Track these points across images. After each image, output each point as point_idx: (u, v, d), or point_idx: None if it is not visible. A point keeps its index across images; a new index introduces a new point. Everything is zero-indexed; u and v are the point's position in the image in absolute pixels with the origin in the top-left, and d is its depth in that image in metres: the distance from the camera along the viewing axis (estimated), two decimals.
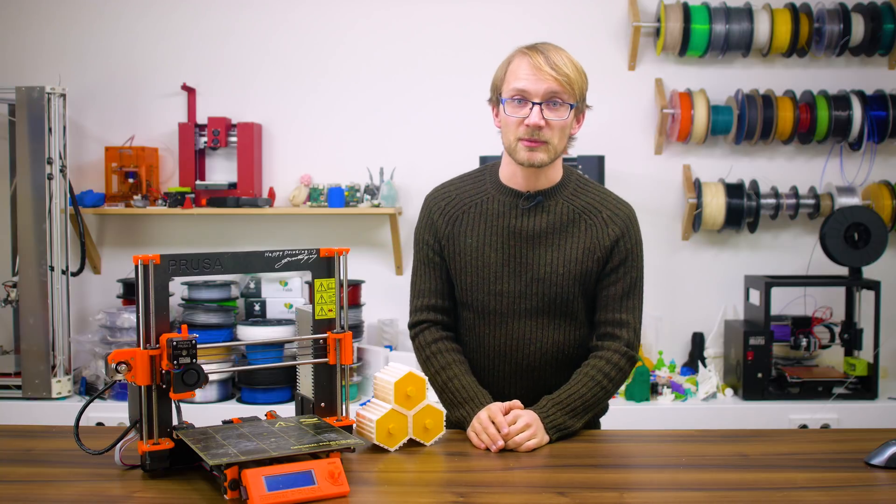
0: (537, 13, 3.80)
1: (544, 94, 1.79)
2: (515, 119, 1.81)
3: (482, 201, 1.93)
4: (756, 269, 3.80)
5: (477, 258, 1.90)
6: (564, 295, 1.88)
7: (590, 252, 1.88)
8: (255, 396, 3.39)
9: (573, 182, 1.94)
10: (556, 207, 1.89)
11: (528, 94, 1.79)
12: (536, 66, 1.79)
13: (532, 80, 1.79)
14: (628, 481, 1.53)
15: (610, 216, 1.90)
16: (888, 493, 1.47)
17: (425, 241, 1.97)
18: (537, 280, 1.88)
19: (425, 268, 1.97)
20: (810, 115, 3.68)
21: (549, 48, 1.82)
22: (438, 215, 1.95)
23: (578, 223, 1.89)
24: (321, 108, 3.86)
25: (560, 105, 1.80)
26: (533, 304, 1.89)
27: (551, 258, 1.87)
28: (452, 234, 1.93)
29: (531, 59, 1.80)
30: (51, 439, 1.78)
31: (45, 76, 3.68)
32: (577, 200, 1.91)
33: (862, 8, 3.70)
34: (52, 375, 3.40)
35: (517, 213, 1.89)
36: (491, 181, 1.95)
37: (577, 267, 1.87)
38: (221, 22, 3.85)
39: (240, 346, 3.46)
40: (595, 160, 3.45)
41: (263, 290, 3.64)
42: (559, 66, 1.79)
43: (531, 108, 1.79)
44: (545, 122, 1.80)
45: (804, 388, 3.43)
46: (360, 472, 1.55)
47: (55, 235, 3.42)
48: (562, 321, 1.90)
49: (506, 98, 1.82)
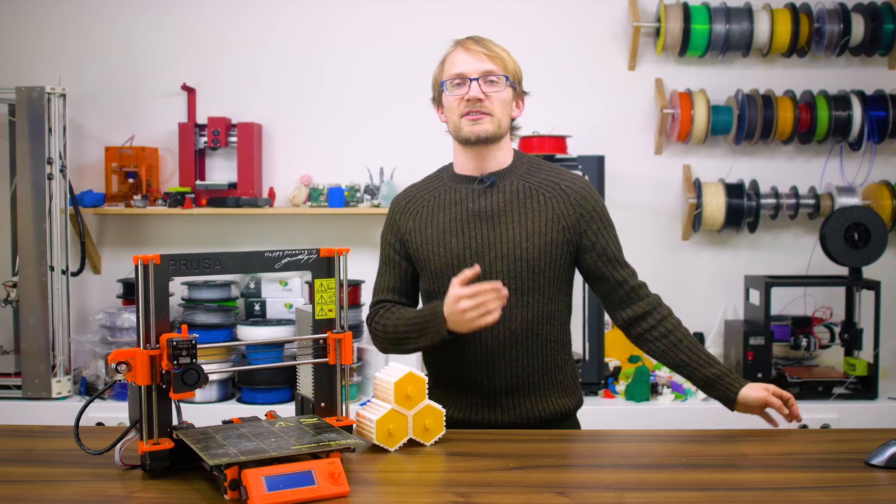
0: (537, 13, 3.80)
1: (481, 72, 1.89)
2: (457, 98, 1.92)
3: (440, 193, 2.01)
4: (756, 269, 3.80)
5: (439, 245, 1.95)
6: (530, 268, 1.91)
7: (553, 222, 1.92)
8: (255, 396, 3.39)
9: (525, 163, 2.01)
10: (511, 186, 1.96)
11: (465, 74, 1.90)
12: (468, 49, 1.91)
13: (467, 61, 1.90)
14: (628, 481, 1.53)
15: (569, 186, 1.96)
16: (888, 493, 1.47)
17: (388, 242, 2.05)
18: (501, 257, 1.91)
19: (386, 267, 2.05)
20: (810, 115, 3.68)
21: (480, 37, 1.95)
22: (400, 214, 2.03)
23: (537, 197, 1.94)
24: (321, 108, 3.86)
25: (496, 80, 1.90)
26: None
27: (514, 234, 1.92)
28: (414, 227, 2.00)
29: (464, 45, 1.93)
30: (51, 439, 1.78)
31: (45, 76, 3.68)
32: (531, 178, 1.97)
33: (862, 8, 3.70)
34: (52, 375, 3.40)
35: (473, 197, 1.96)
36: (447, 175, 2.04)
37: (541, 239, 1.91)
38: (221, 22, 3.85)
39: (240, 346, 3.46)
40: (595, 160, 3.45)
41: (263, 290, 3.64)
42: (490, 47, 1.92)
43: (469, 84, 1.89)
44: (485, 95, 1.89)
45: (804, 388, 3.42)
46: (360, 472, 1.55)
47: (55, 235, 3.42)
48: (529, 297, 1.93)
49: (445, 82, 1.93)
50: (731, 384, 1.88)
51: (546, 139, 3.46)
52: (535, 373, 1.95)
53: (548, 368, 1.97)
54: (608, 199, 3.54)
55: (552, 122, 3.58)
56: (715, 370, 1.90)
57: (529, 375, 1.95)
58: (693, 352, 1.92)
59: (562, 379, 2.00)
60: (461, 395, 1.97)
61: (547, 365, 1.97)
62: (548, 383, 1.98)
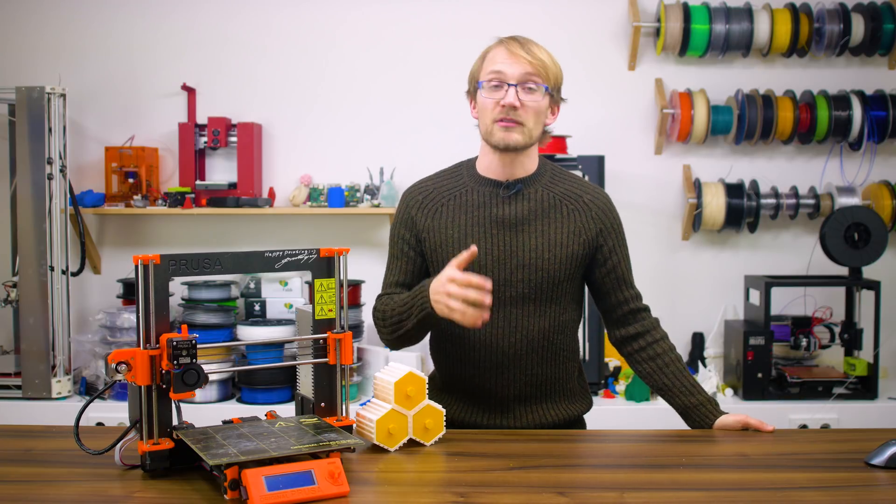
0: (537, 13, 3.80)
1: (520, 77, 1.85)
2: (492, 101, 1.87)
3: (461, 193, 1.96)
4: (756, 269, 3.80)
5: (459, 249, 1.90)
6: (550, 280, 1.90)
7: (575, 235, 1.91)
8: (255, 396, 3.39)
9: (549, 171, 1.98)
10: (535, 195, 1.93)
11: (504, 76, 1.85)
12: (512, 52, 1.86)
13: (508, 63, 1.85)
14: (628, 481, 1.52)
15: (591, 200, 1.95)
16: (888, 493, 1.47)
17: (401, 237, 1.99)
18: (522, 266, 1.90)
19: (397, 261, 2.00)
20: (810, 115, 3.68)
21: (526, 39, 1.90)
22: (416, 209, 1.97)
23: (560, 208, 1.93)
24: (321, 108, 3.86)
25: (535, 88, 1.86)
26: (518, 292, 1.90)
27: (536, 244, 1.90)
28: (433, 226, 1.95)
29: (507, 45, 1.87)
30: (51, 439, 1.78)
31: (45, 76, 3.69)
32: (555, 188, 1.95)
33: (862, 8, 3.70)
34: (52, 375, 3.40)
35: (498, 202, 1.92)
36: (468, 174, 1.98)
37: (563, 251, 1.90)
38: (221, 22, 3.85)
39: (240, 346, 3.46)
40: (595, 160, 3.45)
41: (263, 290, 3.64)
42: (534, 52, 1.86)
43: (507, 90, 1.85)
44: (520, 103, 1.85)
45: (804, 388, 3.43)
46: (360, 472, 1.55)
47: (55, 235, 3.42)
48: (547, 307, 1.92)
49: (482, 81, 1.88)
50: (707, 414, 1.89)
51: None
52: (548, 381, 1.96)
53: (560, 376, 1.97)
54: None
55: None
56: (695, 399, 1.91)
57: (543, 383, 1.95)
58: (678, 377, 1.94)
59: (571, 386, 2.01)
60: (473, 400, 1.96)
61: (559, 373, 1.97)
62: (559, 391, 1.98)
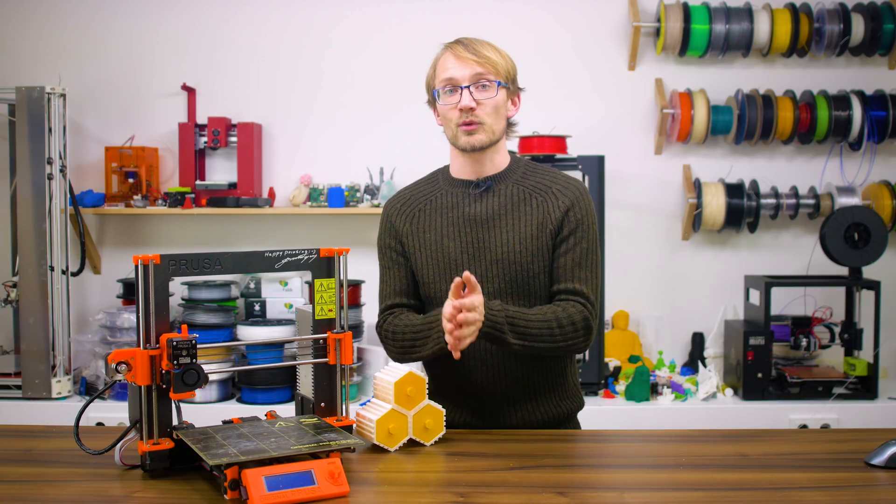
0: (537, 13, 3.80)
1: (471, 78, 1.88)
2: (450, 106, 1.90)
3: (436, 197, 2.00)
4: (756, 269, 3.80)
5: (437, 250, 1.95)
6: (525, 273, 1.91)
7: (542, 226, 1.92)
8: (255, 396, 3.39)
9: (521, 167, 2.00)
10: (506, 190, 1.96)
11: (455, 80, 1.89)
12: (458, 55, 1.89)
13: (457, 66, 1.89)
14: (628, 481, 1.53)
15: (560, 189, 1.95)
16: (888, 493, 1.47)
17: (388, 246, 2.02)
18: (496, 262, 1.91)
19: (389, 271, 2.02)
20: (810, 115, 3.68)
21: (470, 39, 1.93)
22: (396, 216, 2.02)
23: (529, 201, 1.94)
24: (321, 108, 3.86)
25: (488, 85, 1.89)
26: (495, 287, 1.91)
27: (507, 238, 1.92)
28: (412, 231, 1.99)
29: (453, 50, 1.91)
30: (51, 439, 1.78)
31: (45, 76, 3.68)
32: (526, 182, 1.97)
33: (862, 8, 3.70)
34: (52, 375, 3.40)
35: (469, 201, 1.96)
36: (443, 178, 2.03)
37: (532, 243, 1.91)
38: (221, 22, 3.85)
39: (240, 346, 3.46)
40: (595, 160, 3.45)
41: (263, 290, 3.64)
42: (480, 51, 1.89)
43: (461, 93, 1.88)
44: (477, 103, 1.88)
45: (804, 388, 3.43)
46: (360, 472, 1.55)
47: (55, 235, 3.42)
48: (525, 302, 1.92)
49: (437, 90, 1.92)
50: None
51: (546, 139, 3.45)
52: (536, 378, 1.95)
53: (547, 373, 1.96)
54: (608, 199, 3.55)
55: (552, 122, 3.58)
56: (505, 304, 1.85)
57: (530, 381, 1.95)
58: (529, 308, 1.88)
59: (562, 382, 2.00)
60: (462, 400, 1.97)
61: (547, 370, 1.96)
62: (548, 388, 1.97)
